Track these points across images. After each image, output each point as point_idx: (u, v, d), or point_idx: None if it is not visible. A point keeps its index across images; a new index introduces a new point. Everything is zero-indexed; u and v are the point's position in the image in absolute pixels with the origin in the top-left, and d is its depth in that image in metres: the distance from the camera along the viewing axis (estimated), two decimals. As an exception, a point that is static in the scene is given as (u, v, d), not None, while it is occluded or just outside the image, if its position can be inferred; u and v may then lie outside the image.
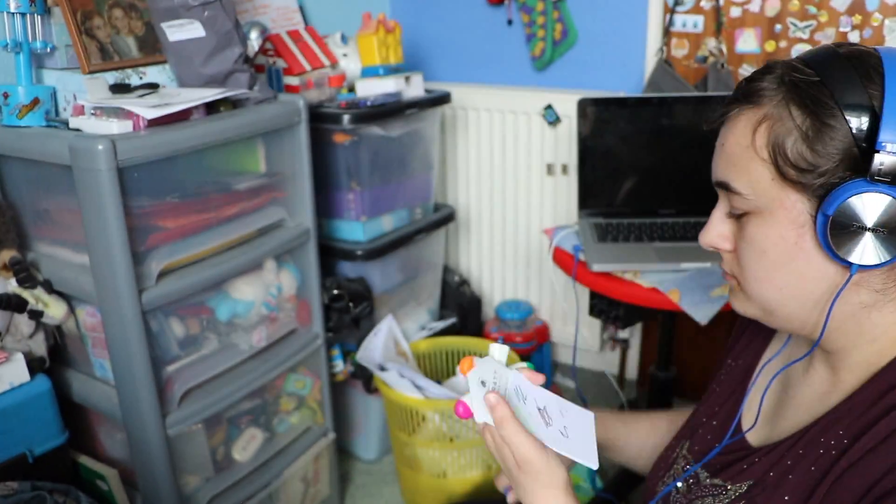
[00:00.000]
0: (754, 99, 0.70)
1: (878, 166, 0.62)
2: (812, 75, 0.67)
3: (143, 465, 1.28)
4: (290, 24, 1.89)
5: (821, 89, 0.65)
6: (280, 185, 1.46)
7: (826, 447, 0.69)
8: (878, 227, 0.64)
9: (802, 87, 0.67)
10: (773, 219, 0.69)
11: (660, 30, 1.96)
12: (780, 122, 0.67)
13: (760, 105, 0.69)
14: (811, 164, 0.65)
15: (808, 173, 0.66)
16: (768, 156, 0.68)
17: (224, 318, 1.38)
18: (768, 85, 0.69)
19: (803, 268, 0.69)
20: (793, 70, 0.68)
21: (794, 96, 0.67)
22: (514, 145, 2.15)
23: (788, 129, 0.66)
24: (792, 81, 0.67)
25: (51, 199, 1.27)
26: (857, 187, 0.63)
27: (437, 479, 1.70)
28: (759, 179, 0.69)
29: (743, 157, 0.70)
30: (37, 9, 1.21)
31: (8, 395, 1.19)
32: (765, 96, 0.69)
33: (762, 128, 0.68)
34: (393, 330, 1.83)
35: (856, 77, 0.64)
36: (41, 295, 1.23)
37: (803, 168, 0.66)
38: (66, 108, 1.25)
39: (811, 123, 0.65)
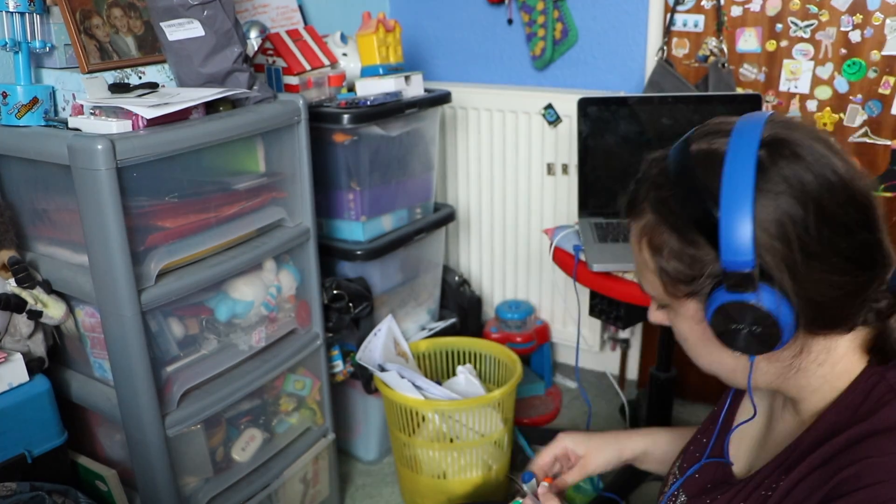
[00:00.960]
0: (635, 211, 0.75)
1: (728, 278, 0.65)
2: (667, 189, 0.70)
3: (143, 466, 1.28)
4: (289, 24, 1.89)
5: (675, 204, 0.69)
6: (280, 185, 1.46)
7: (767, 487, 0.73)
8: (749, 327, 0.66)
9: (661, 205, 0.70)
10: (678, 315, 0.75)
11: (660, 29, 1.96)
12: (654, 236, 0.72)
13: (640, 217, 0.74)
14: (688, 276, 0.70)
15: (689, 284, 0.70)
16: (655, 270, 0.73)
17: (223, 318, 1.37)
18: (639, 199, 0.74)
19: (717, 351, 0.73)
20: (654, 185, 0.72)
21: (658, 213, 0.71)
22: (515, 145, 2.15)
23: (662, 244, 0.71)
24: (654, 199, 0.71)
25: (50, 199, 1.26)
26: (720, 298, 0.67)
27: (436, 480, 1.70)
28: (656, 286, 0.74)
29: (640, 265, 0.76)
30: (36, 8, 1.20)
31: (7, 395, 1.18)
32: (642, 209, 0.73)
33: (644, 242, 0.74)
34: (393, 330, 1.83)
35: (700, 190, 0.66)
36: (40, 295, 1.22)
37: (683, 280, 0.70)
38: (65, 108, 1.25)
39: (676, 239, 0.69)
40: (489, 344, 1.91)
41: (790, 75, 1.82)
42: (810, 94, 1.81)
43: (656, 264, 0.72)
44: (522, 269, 2.27)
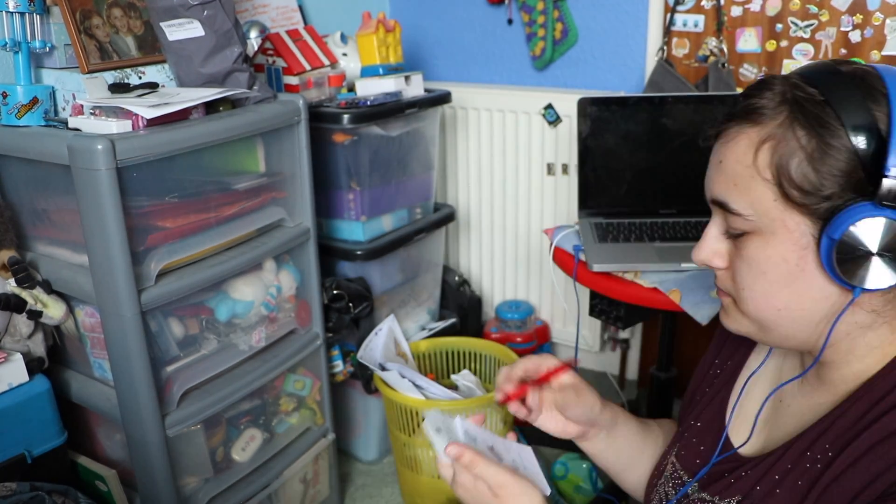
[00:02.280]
0: (755, 117, 0.68)
1: (886, 190, 0.61)
2: (816, 94, 0.65)
3: (142, 466, 1.28)
4: (289, 24, 1.89)
5: (825, 109, 0.64)
6: (279, 185, 1.46)
7: (812, 461, 0.69)
8: (884, 252, 0.63)
9: (807, 107, 0.65)
10: (774, 239, 0.68)
11: (660, 29, 1.96)
12: (784, 142, 0.65)
13: (762, 124, 0.67)
14: (816, 186, 0.64)
15: (813, 195, 0.64)
16: (771, 176, 0.66)
17: (223, 318, 1.37)
18: (769, 103, 0.67)
19: (804, 289, 0.68)
20: (795, 88, 0.66)
21: (798, 116, 0.65)
22: (515, 145, 2.15)
23: (793, 150, 0.65)
24: (795, 100, 0.66)
25: (50, 199, 1.26)
26: (864, 211, 0.62)
27: (436, 480, 1.70)
28: (761, 200, 0.67)
29: (744, 176, 0.68)
30: (36, 8, 1.20)
31: (7, 395, 1.18)
32: (766, 115, 0.67)
33: (765, 148, 0.67)
34: (394, 330, 1.83)
35: (861, 97, 0.63)
36: (40, 295, 1.22)
37: (808, 190, 0.64)
38: (65, 108, 1.25)
39: (816, 144, 0.64)
40: (489, 344, 1.91)
41: (790, 75, 1.82)
42: (810, 94, 1.80)
43: (778, 169, 0.65)
44: (522, 269, 2.27)
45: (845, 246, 0.63)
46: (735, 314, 0.75)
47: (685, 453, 0.88)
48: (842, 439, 0.68)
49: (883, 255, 0.63)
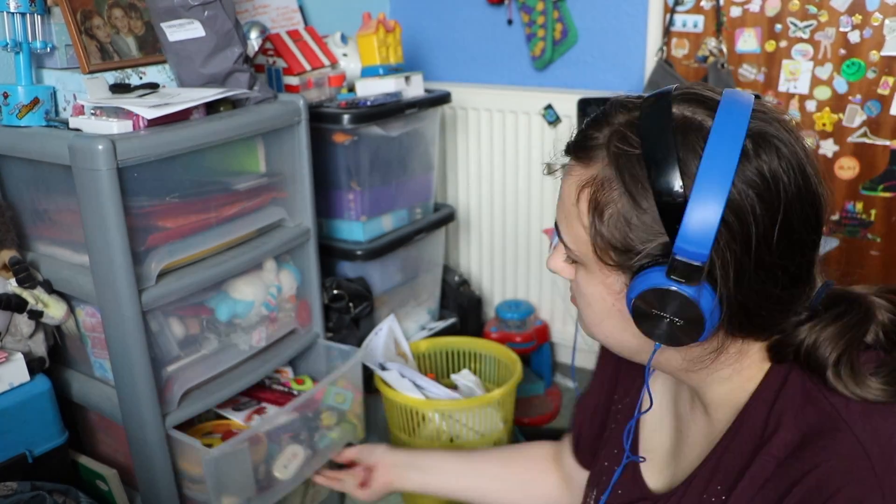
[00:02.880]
0: (583, 155, 0.67)
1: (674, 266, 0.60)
2: (635, 146, 0.63)
3: (143, 465, 1.28)
4: (289, 24, 1.89)
5: (640, 165, 0.62)
6: (280, 185, 1.46)
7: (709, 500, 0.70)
8: (673, 318, 0.62)
9: (623, 161, 0.63)
10: (594, 278, 0.69)
11: (660, 29, 1.96)
12: (602, 191, 0.64)
13: (588, 165, 0.66)
14: (624, 245, 0.64)
15: (622, 254, 0.64)
16: (588, 226, 0.66)
17: (224, 318, 1.37)
18: (597, 144, 0.66)
19: (623, 327, 0.68)
20: (620, 137, 0.64)
21: (615, 169, 0.64)
22: (514, 145, 2.15)
23: (607, 202, 0.64)
24: (616, 152, 0.64)
25: (50, 199, 1.27)
26: (654, 279, 0.61)
27: (437, 480, 1.70)
28: (581, 243, 0.68)
29: (570, 214, 0.68)
30: (37, 9, 1.20)
31: (8, 395, 1.18)
32: (593, 156, 0.66)
33: (585, 192, 0.66)
34: (394, 330, 1.83)
35: (673, 157, 0.60)
36: (41, 295, 1.23)
37: (617, 248, 0.64)
38: (66, 108, 1.25)
39: (626, 202, 0.63)
40: (489, 344, 1.91)
41: (789, 76, 1.82)
42: (809, 94, 1.81)
43: (592, 223, 0.65)
44: (522, 269, 2.27)
45: (639, 308, 0.63)
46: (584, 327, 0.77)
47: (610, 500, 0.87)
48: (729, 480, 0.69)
49: (673, 320, 0.62)
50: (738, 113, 0.61)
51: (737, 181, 0.59)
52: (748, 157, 0.60)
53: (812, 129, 1.83)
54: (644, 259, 0.63)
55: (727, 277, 0.61)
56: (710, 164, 0.59)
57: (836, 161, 1.82)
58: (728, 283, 0.61)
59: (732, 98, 0.63)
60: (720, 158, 0.59)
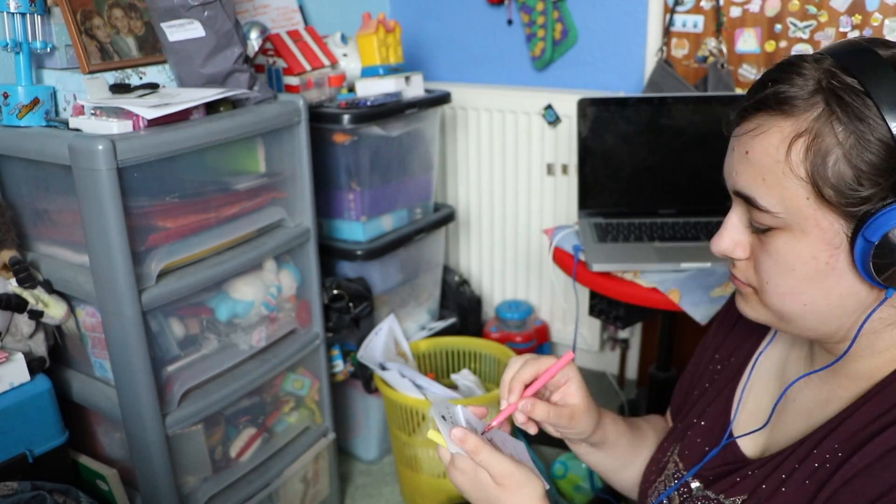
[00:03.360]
0: (787, 109, 0.63)
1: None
2: (855, 84, 0.60)
3: (143, 465, 1.28)
4: (289, 24, 1.89)
5: (865, 101, 0.59)
6: (280, 185, 1.46)
7: (820, 460, 0.68)
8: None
9: (845, 99, 0.60)
10: (805, 237, 0.64)
11: (660, 30, 1.96)
12: (821, 138, 0.61)
13: (795, 116, 0.62)
14: (853, 185, 0.60)
15: (850, 195, 0.60)
16: (805, 174, 0.62)
17: (224, 318, 1.38)
18: (801, 92, 0.62)
19: (832, 286, 0.65)
20: (831, 76, 0.61)
21: (835, 109, 0.60)
22: (514, 145, 2.15)
23: (829, 147, 0.60)
24: (832, 90, 0.61)
25: (51, 200, 1.27)
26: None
27: (436, 480, 1.70)
28: (793, 198, 0.63)
29: (774, 172, 0.63)
30: (37, 9, 1.21)
31: (8, 394, 1.19)
32: (799, 106, 0.62)
33: (799, 143, 0.62)
34: (394, 330, 1.83)
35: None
36: (41, 295, 1.23)
37: (844, 190, 0.60)
38: (66, 108, 1.25)
39: (855, 141, 0.59)
40: (489, 344, 1.91)
41: (789, 76, 1.82)
42: (809, 94, 1.81)
43: (812, 168, 0.61)
44: (522, 269, 2.27)
45: (883, 249, 0.60)
46: (755, 304, 0.72)
47: (689, 453, 0.86)
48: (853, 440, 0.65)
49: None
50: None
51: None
52: None
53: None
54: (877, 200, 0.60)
55: None
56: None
57: (835, 161, 1.82)
58: None
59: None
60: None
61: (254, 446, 1.49)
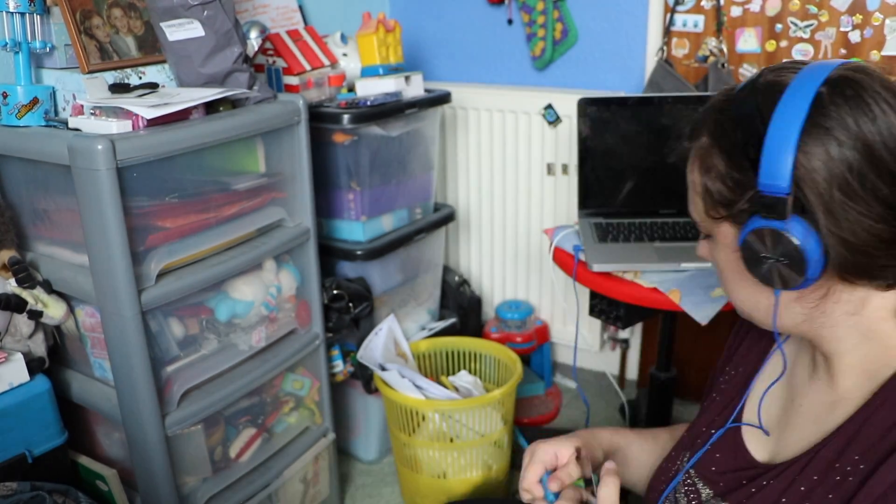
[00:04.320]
0: (694, 133, 0.75)
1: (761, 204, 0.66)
2: (728, 112, 0.71)
3: (143, 466, 1.28)
4: (289, 24, 1.89)
5: (733, 128, 0.70)
6: (280, 185, 1.46)
7: (842, 473, 0.68)
8: (776, 257, 0.67)
9: (721, 125, 0.71)
10: (718, 244, 0.76)
11: (660, 29, 1.96)
12: (708, 157, 0.72)
13: (697, 139, 0.74)
14: (729, 199, 0.70)
15: (729, 207, 0.71)
16: (701, 190, 0.74)
17: (223, 318, 1.37)
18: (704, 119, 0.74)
19: (750, 285, 0.74)
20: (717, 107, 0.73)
21: (716, 134, 0.72)
22: (515, 145, 2.15)
23: (712, 165, 0.72)
24: (715, 119, 0.73)
25: (50, 199, 1.26)
26: (753, 223, 0.68)
27: (437, 480, 1.70)
28: (699, 211, 0.76)
29: (691, 188, 0.77)
30: (36, 8, 1.20)
31: (7, 395, 1.18)
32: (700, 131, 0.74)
33: (697, 162, 0.74)
34: (394, 330, 1.83)
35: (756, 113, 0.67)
36: (40, 295, 1.23)
37: (724, 203, 0.71)
38: (66, 108, 1.25)
39: (724, 161, 0.70)
40: (489, 344, 1.91)
41: (790, 75, 1.82)
42: (810, 94, 1.80)
43: (703, 185, 0.73)
44: (522, 269, 2.27)
45: (748, 253, 0.69)
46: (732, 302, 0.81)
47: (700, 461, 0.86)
48: (875, 451, 0.66)
49: (777, 259, 0.67)
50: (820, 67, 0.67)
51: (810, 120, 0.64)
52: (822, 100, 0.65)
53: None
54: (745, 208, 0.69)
55: (817, 209, 0.64)
56: (784, 106, 0.65)
57: (836, 161, 1.82)
58: (818, 215, 0.64)
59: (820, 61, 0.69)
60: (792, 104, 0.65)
61: (253, 447, 1.49)
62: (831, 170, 0.64)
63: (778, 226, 0.65)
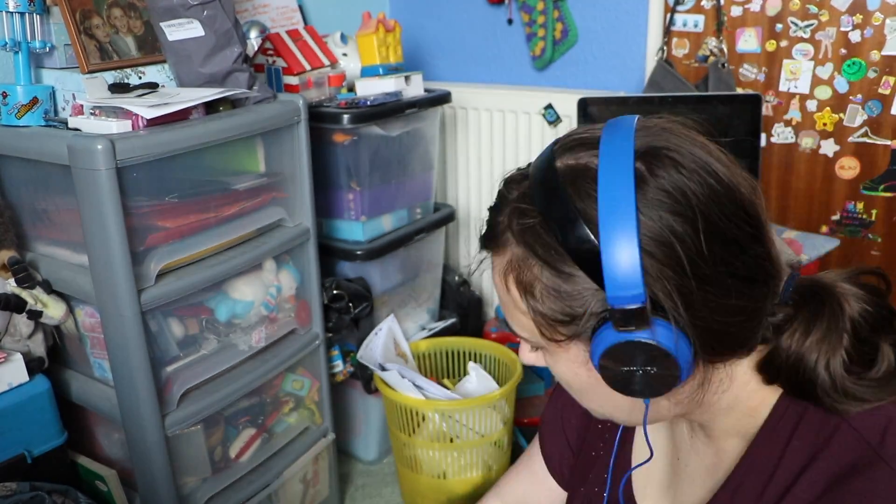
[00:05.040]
0: (495, 244, 0.65)
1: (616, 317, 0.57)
2: (534, 216, 0.60)
3: (142, 466, 1.28)
4: (289, 24, 1.89)
5: (546, 233, 0.59)
6: (279, 185, 1.46)
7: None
8: (644, 368, 0.59)
9: (528, 235, 0.61)
10: (559, 359, 0.65)
11: (660, 29, 1.96)
12: (523, 271, 0.62)
13: (503, 250, 0.64)
14: (567, 314, 0.60)
15: (570, 324, 0.61)
16: (527, 311, 0.63)
17: (223, 318, 1.37)
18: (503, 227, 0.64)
19: (607, 393, 0.63)
20: (518, 213, 0.62)
21: (525, 245, 0.61)
22: (515, 145, 2.14)
23: (532, 280, 0.61)
24: (519, 229, 0.62)
25: (49, 199, 1.26)
26: (608, 338, 0.58)
27: (437, 480, 1.70)
28: (529, 329, 0.64)
29: (508, 305, 0.66)
30: (36, 8, 1.20)
31: (7, 395, 1.18)
32: (504, 241, 0.64)
33: (510, 279, 0.64)
34: (394, 330, 1.83)
35: (572, 210, 0.57)
36: (40, 295, 1.22)
37: (562, 321, 0.61)
38: (65, 108, 1.25)
39: (549, 274, 0.60)
40: (489, 344, 1.91)
41: (790, 75, 1.82)
42: (810, 94, 1.81)
43: (528, 305, 0.62)
44: (522, 269, 2.26)
45: (608, 371, 0.60)
46: None
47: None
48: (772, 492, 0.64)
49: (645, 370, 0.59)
50: (620, 139, 0.59)
51: (641, 207, 0.56)
52: (644, 180, 0.58)
53: (813, 129, 1.83)
54: (590, 321, 0.60)
55: (676, 307, 0.57)
56: (607, 202, 0.56)
57: (836, 161, 1.82)
58: (679, 312, 0.57)
59: (613, 127, 0.61)
60: (616, 192, 0.56)
61: (253, 447, 1.49)
62: (677, 255, 0.56)
63: (641, 336, 0.57)
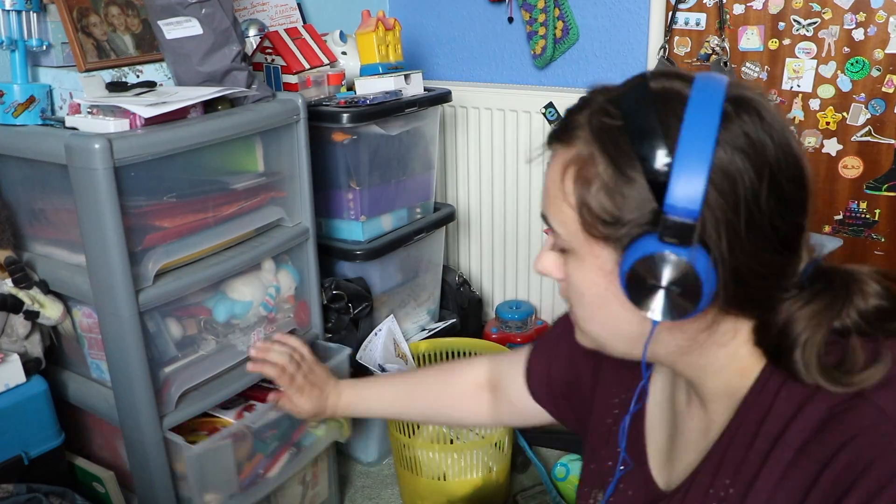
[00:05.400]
0: (566, 138, 0.67)
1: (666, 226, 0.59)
2: (617, 119, 0.63)
3: (140, 467, 1.27)
4: (288, 22, 1.88)
5: (622, 136, 0.62)
6: (278, 185, 1.45)
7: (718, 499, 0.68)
8: (670, 286, 0.60)
9: (605, 133, 0.63)
10: (585, 263, 0.67)
11: (662, 27, 1.95)
12: (586, 167, 0.64)
13: (570, 145, 0.66)
14: (613, 216, 0.62)
15: (612, 225, 0.63)
16: (575, 203, 0.65)
17: (222, 318, 1.36)
18: (579, 124, 0.66)
19: (617, 311, 0.66)
20: (601, 112, 0.64)
21: (598, 142, 0.63)
22: (515, 144, 2.14)
23: (592, 177, 0.63)
24: (598, 126, 0.64)
25: (47, 199, 1.26)
26: (648, 246, 0.60)
27: (436, 482, 1.69)
28: (569, 223, 0.66)
29: (556, 196, 0.67)
30: (33, 6, 1.20)
31: (4, 396, 1.18)
32: (576, 136, 0.66)
33: (570, 171, 0.65)
34: (393, 331, 1.82)
35: (657, 124, 0.60)
36: (37, 295, 1.22)
37: (606, 220, 0.63)
38: (62, 107, 1.24)
39: (612, 173, 0.62)
40: (489, 345, 1.90)
41: (793, 74, 1.81)
42: (813, 92, 1.80)
43: (579, 197, 0.64)
44: (522, 269, 2.26)
45: (634, 279, 0.61)
46: (577, 329, 0.75)
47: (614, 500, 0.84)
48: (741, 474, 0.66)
49: (670, 288, 0.60)
50: (715, 82, 0.62)
51: (720, 139, 0.59)
52: (730, 118, 0.60)
53: (815, 128, 1.82)
54: (634, 229, 0.61)
55: (720, 238, 0.60)
56: (692, 124, 0.59)
57: (839, 160, 1.81)
58: (721, 246, 0.60)
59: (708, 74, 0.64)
60: (702, 119, 0.59)
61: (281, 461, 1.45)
62: (738, 195, 0.59)
63: (681, 253, 0.59)
